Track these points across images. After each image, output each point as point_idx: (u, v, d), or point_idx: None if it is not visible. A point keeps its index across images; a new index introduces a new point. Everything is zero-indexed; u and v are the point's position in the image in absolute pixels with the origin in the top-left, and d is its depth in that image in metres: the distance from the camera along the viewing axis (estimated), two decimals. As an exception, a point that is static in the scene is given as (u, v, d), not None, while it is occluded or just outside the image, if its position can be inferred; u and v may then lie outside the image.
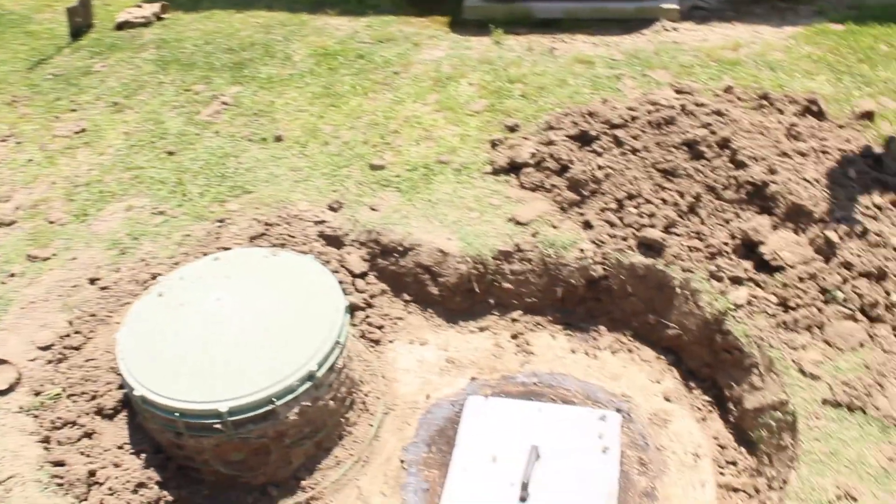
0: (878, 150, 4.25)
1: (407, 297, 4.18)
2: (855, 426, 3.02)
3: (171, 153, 4.95)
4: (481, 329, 4.13)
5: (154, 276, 3.92)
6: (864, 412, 3.06)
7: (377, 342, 4.03)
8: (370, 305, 4.08)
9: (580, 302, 4.11)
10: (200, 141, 5.06)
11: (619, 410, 3.66)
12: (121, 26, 6.72)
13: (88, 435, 3.31)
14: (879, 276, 3.47)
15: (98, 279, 3.99)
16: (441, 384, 3.88)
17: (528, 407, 3.67)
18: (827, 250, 3.56)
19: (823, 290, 3.48)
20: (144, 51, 6.34)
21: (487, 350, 4.03)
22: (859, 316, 3.41)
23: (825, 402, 3.14)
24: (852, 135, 4.43)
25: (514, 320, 4.13)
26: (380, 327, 4.05)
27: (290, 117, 5.22)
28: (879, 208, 3.77)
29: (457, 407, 3.74)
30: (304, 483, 3.37)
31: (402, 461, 3.52)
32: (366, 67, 5.77)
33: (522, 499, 3.28)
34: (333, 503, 3.36)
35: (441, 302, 4.15)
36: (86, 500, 3.09)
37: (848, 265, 3.50)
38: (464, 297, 4.12)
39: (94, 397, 3.42)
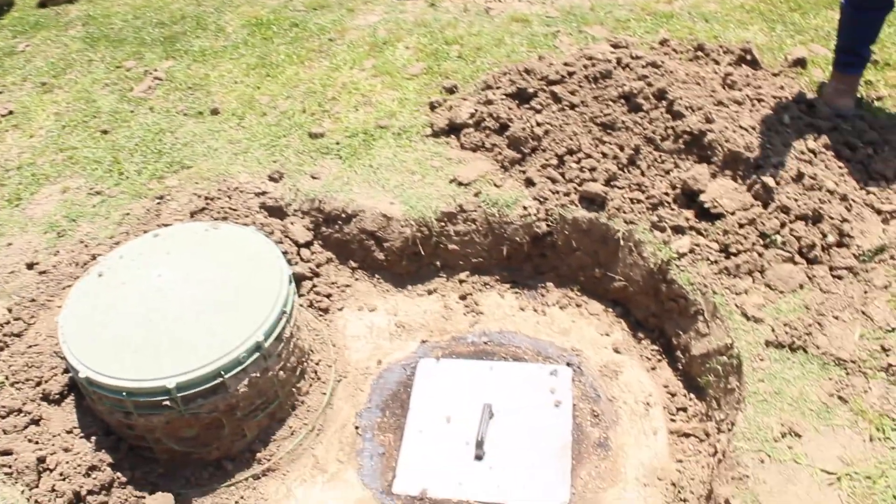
0: (810, 96, 4.32)
1: (353, 263, 4.17)
2: (797, 365, 3.10)
3: (105, 132, 4.84)
4: (429, 292, 4.14)
5: (94, 258, 3.84)
6: (806, 351, 3.13)
7: (326, 311, 4.01)
8: (317, 274, 4.06)
9: (526, 259, 4.13)
10: (135, 118, 4.95)
11: (569, 364, 3.71)
12: (44, 4, 6.49)
13: (35, 422, 3.24)
14: (815, 219, 3.53)
15: (36, 263, 3.90)
16: (392, 349, 3.88)
17: (480, 366, 3.70)
18: (764, 195, 3.61)
19: (763, 235, 3.53)
20: (71, 28, 6.16)
21: (437, 312, 4.04)
22: (798, 258, 3.48)
23: (768, 343, 3.21)
24: (786, 82, 4.49)
25: (461, 281, 4.14)
26: (328, 296, 4.04)
27: (226, 89, 5.13)
28: (813, 152, 3.83)
29: (409, 370, 3.75)
30: (259, 455, 3.36)
31: (356, 427, 3.53)
32: (300, 36, 5.68)
33: (478, 457, 3.32)
34: (290, 473, 3.36)
35: (388, 267, 4.14)
36: (37, 487, 3.03)
37: (785, 209, 3.56)
38: (410, 260, 4.11)
39: (38, 383, 3.35)
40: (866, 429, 2.82)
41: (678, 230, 3.69)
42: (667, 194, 3.79)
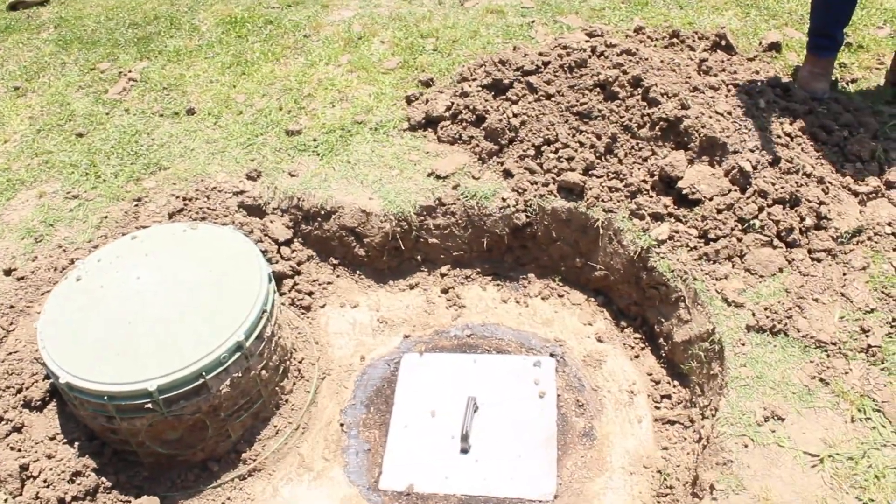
0: (785, 79, 4.33)
1: (334, 260, 4.15)
2: (778, 349, 3.11)
3: (80, 135, 4.80)
4: (411, 287, 4.13)
5: (73, 262, 3.82)
6: (786, 335, 3.14)
7: (308, 308, 4.00)
8: (298, 272, 4.04)
9: (507, 251, 4.13)
10: (110, 120, 4.91)
11: (552, 355, 3.71)
12: (14, 6, 6.45)
13: (17, 429, 3.22)
14: (793, 203, 3.55)
15: (14, 270, 3.87)
16: (375, 344, 3.87)
17: (463, 359, 3.70)
18: (742, 180, 3.62)
19: (741, 220, 3.54)
20: (43, 31, 6.10)
21: (419, 307, 4.03)
22: (777, 242, 3.49)
23: (749, 328, 3.22)
24: (761, 67, 4.51)
25: (443, 275, 4.13)
26: (309, 293, 4.02)
27: (201, 89, 5.10)
28: (790, 136, 3.85)
29: (392, 366, 3.74)
30: (244, 455, 3.35)
31: (341, 424, 3.52)
32: (275, 33, 5.65)
33: (464, 450, 3.32)
34: (276, 472, 3.35)
35: (368, 262, 4.13)
36: (20, 495, 3.02)
37: (763, 193, 3.57)
38: (391, 255, 4.11)
39: (19, 390, 3.32)
40: (847, 410, 2.84)
41: (657, 217, 3.70)
42: (645, 182, 3.80)
